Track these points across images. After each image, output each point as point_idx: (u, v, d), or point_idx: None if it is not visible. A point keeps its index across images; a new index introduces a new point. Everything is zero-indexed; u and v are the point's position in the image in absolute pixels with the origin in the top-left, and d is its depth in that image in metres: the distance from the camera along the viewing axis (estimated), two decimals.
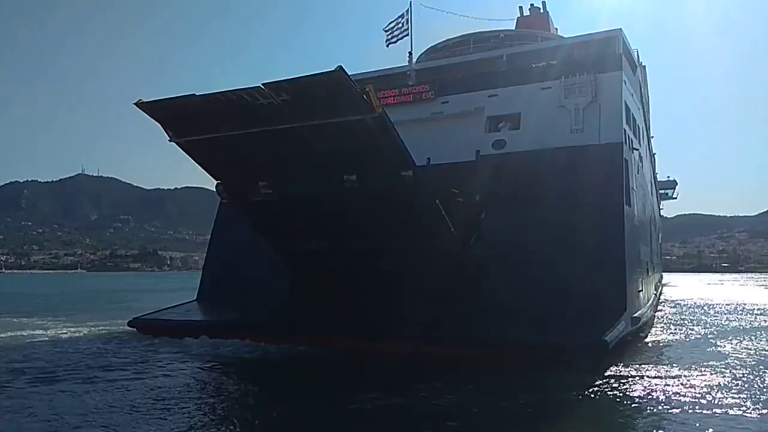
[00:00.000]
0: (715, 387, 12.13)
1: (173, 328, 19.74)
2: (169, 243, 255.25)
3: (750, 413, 10.19)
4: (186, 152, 16.28)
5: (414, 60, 28.70)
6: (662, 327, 24.19)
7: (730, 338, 20.29)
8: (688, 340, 20.28)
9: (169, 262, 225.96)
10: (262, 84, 12.83)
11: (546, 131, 21.20)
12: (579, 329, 15.11)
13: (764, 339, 20.08)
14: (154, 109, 14.62)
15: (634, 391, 11.93)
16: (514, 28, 33.77)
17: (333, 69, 12.07)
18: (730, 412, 10.25)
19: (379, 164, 14.72)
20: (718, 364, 14.90)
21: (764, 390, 12.03)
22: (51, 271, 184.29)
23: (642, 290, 22.78)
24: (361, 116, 13.05)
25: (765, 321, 27.09)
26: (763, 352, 17.22)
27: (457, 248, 18.96)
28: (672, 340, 20.17)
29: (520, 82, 23.29)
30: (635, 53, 28.61)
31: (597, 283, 17.13)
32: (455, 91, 24.49)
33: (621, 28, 24.07)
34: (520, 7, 35.67)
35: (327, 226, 17.65)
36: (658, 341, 19.88)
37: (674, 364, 14.90)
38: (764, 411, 10.33)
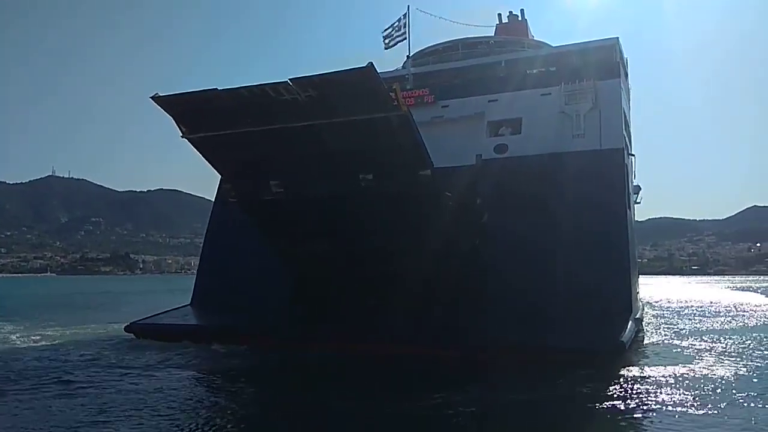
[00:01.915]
0: (721, 385, 12.52)
1: (171, 333, 19.43)
2: (141, 246, 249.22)
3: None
4: (197, 148, 16.06)
5: (401, 64, 28.80)
6: (653, 328, 24.66)
7: (717, 337, 20.92)
8: (682, 340, 20.68)
9: (141, 266, 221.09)
10: (289, 79, 12.77)
11: (547, 136, 21.48)
12: (593, 331, 15.30)
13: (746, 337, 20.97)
14: (172, 103, 14.40)
15: (653, 390, 12.15)
16: (492, 34, 33.94)
17: (364, 65, 12.08)
18: (747, 408, 10.63)
19: (398, 163, 14.76)
20: (718, 363, 15.35)
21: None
22: (20, 275, 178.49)
23: (638, 292, 23.32)
24: (386, 114, 13.07)
25: (738, 321, 28.30)
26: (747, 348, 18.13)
27: (461, 249, 19.09)
28: (668, 341, 20.52)
29: (519, 87, 23.53)
30: (626, 62, 29.27)
31: (604, 286, 17.44)
32: (455, 96, 24.61)
33: (618, 37, 24.62)
34: (499, 14, 36.03)
35: (336, 225, 17.54)
36: (658, 342, 20.26)
37: (681, 364, 15.17)
38: None
